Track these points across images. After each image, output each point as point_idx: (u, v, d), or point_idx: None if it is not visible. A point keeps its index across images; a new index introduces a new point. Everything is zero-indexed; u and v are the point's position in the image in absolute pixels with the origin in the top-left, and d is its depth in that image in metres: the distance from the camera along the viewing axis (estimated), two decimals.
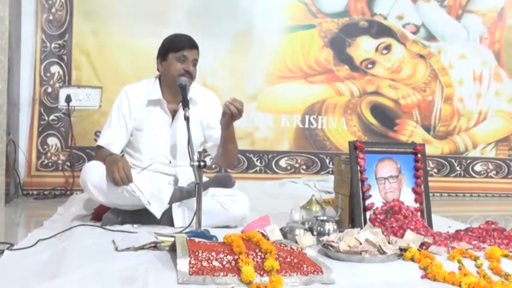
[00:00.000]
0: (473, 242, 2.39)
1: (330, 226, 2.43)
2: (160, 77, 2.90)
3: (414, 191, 2.68)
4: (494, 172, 4.99)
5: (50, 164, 4.14)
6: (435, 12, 4.87)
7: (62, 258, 2.00)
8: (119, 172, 2.53)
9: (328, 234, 2.36)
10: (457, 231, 2.59)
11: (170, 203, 2.66)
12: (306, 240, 2.25)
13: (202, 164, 2.49)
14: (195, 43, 2.85)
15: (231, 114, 2.61)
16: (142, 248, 2.11)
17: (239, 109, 2.60)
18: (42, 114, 4.12)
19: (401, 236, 2.30)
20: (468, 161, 4.94)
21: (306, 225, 2.46)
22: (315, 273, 1.88)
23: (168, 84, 2.84)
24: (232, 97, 2.64)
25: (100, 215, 2.68)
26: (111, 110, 2.87)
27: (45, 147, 4.14)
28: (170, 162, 2.85)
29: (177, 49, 2.80)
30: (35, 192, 4.03)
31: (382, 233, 2.26)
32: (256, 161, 4.50)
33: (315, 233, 2.41)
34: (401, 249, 2.15)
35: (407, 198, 2.64)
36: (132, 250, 2.10)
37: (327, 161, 4.62)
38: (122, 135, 2.83)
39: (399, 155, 2.70)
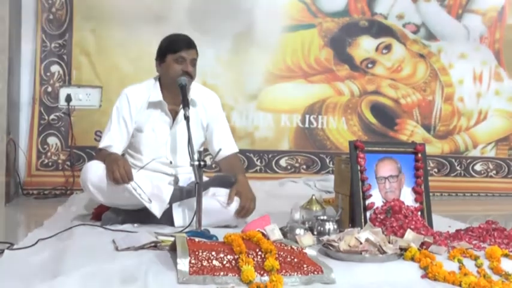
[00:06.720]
0: (474, 242, 2.38)
1: (330, 226, 2.43)
2: (160, 78, 2.89)
3: (414, 190, 2.67)
4: (494, 172, 4.99)
5: (50, 164, 4.14)
6: (435, 11, 4.87)
7: (62, 257, 2.00)
8: (119, 170, 2.53)
9: (329, 233, 2.36)
10: (457, 230, 2.59)
11: (170, 203, 2.66)
12: (306, 240, 2.24)
13: (202, 163, 2.49)
14: (193, 43, 2.84)
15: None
16: (142, 247, 2.11)
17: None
18: (42, 113, 4.12)
19: (402, 236, 2.30)
20: (468, 161, 4.93)
21: (306, 225, 2.46)
22: (315, 272, 1.88)
23: (168, 86, 2.82)
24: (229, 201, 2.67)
25: (100, 214, 2.68)
26: (112, 113, 2.85)
27: (45, 146, 4.14)
28: (171, 162, 2.85)
29: (174, 50, 2.78)
30: (35, 192, 4.03)
31: (383, 232, 2.26)
32: (256, 160, 4.50)
33: (315, 233, 2.40)
34: (401, 249, 2.15)
35: (408, 198, 2.64)
36: (132, 250, 2.10)
37: (327, 160, 4.62)
38: (122, 138, 2.81)
39: (399, 154, 2.70)
